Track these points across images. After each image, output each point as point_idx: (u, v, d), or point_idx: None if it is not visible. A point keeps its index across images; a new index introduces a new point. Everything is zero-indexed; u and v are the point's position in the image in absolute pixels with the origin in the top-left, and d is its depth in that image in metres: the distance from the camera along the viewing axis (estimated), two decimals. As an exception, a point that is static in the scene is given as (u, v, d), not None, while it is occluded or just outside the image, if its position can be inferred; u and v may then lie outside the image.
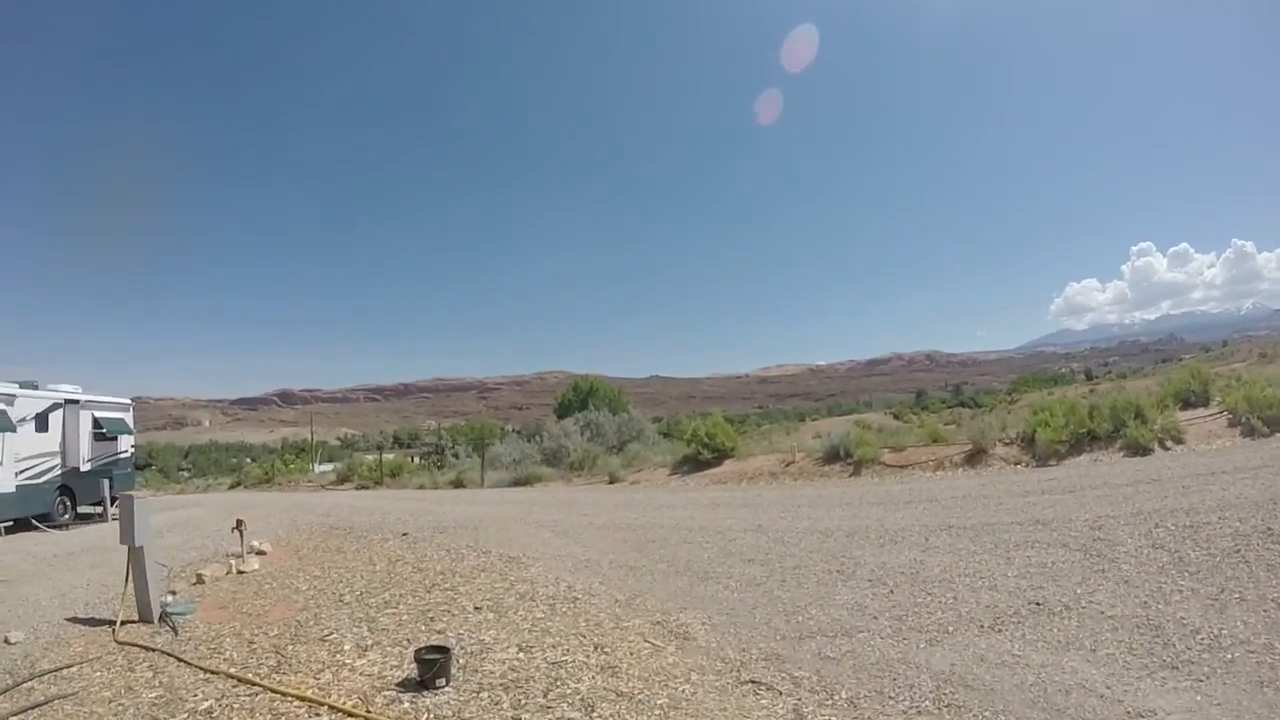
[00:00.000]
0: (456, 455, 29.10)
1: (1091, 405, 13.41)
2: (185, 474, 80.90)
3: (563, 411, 34.19)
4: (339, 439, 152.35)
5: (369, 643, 4.97)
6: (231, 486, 36.45)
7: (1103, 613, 4.68)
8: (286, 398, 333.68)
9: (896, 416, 74.32)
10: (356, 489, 26.56)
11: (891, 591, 5.64)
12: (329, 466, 40.70)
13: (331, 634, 5.24)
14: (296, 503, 18.88)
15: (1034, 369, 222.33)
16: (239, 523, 8.50)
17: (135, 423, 18.56)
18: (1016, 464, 12.60)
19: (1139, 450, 11.82)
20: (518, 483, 20.94)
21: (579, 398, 35.90)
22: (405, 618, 5.58)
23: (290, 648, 4.97)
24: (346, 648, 4.89)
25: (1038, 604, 4.95)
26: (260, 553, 8.93)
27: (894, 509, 9.55)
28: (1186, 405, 14.09)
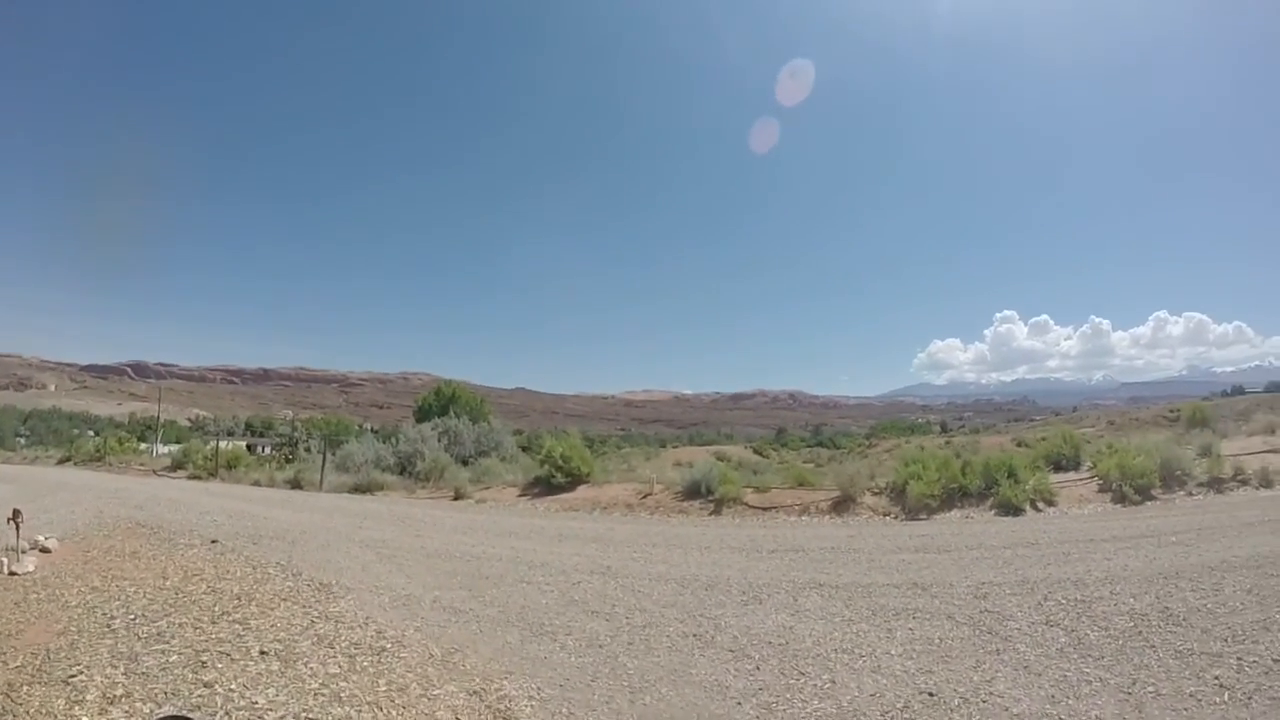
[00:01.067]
0: (309, 449, 30.11)
1: (964, 461, 14.09)
2: (21, 441, 78.05)
3: (422, 415, 35.29)
4: (190, 420, 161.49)
5: (119, 692, 4.29)
6: (60, 461, 38.36)
7: (1007, 709, 4.36)
8: (140, 370, 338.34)
9: (757, 451, 79.08)
10: (189, 478, 27.60)
11: (757, 668, 5.12)
12: (165, 449, 42.76)
13: (81, 673, 4.58)
14: (117, 489, 19.02)
15: (893, 417, 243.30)
16: (15, 514, 8.07)
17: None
18: (885, 515, 12.90)
19: (1011, 510, 12.46)
20: (358, 489, 21.22)
21: (440, 403, 36.73)
22: (175, 658, 4.90)
23: (25, 689, 4.31)
24: (90, 697, 4.23)
25: (931, 694, 4.58)
26: (44, 550, 8.61)
27: (758, 558, 9.28)
28: (1058, 468, 15.21)
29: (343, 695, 4.34)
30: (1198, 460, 14.15)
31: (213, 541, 9.91)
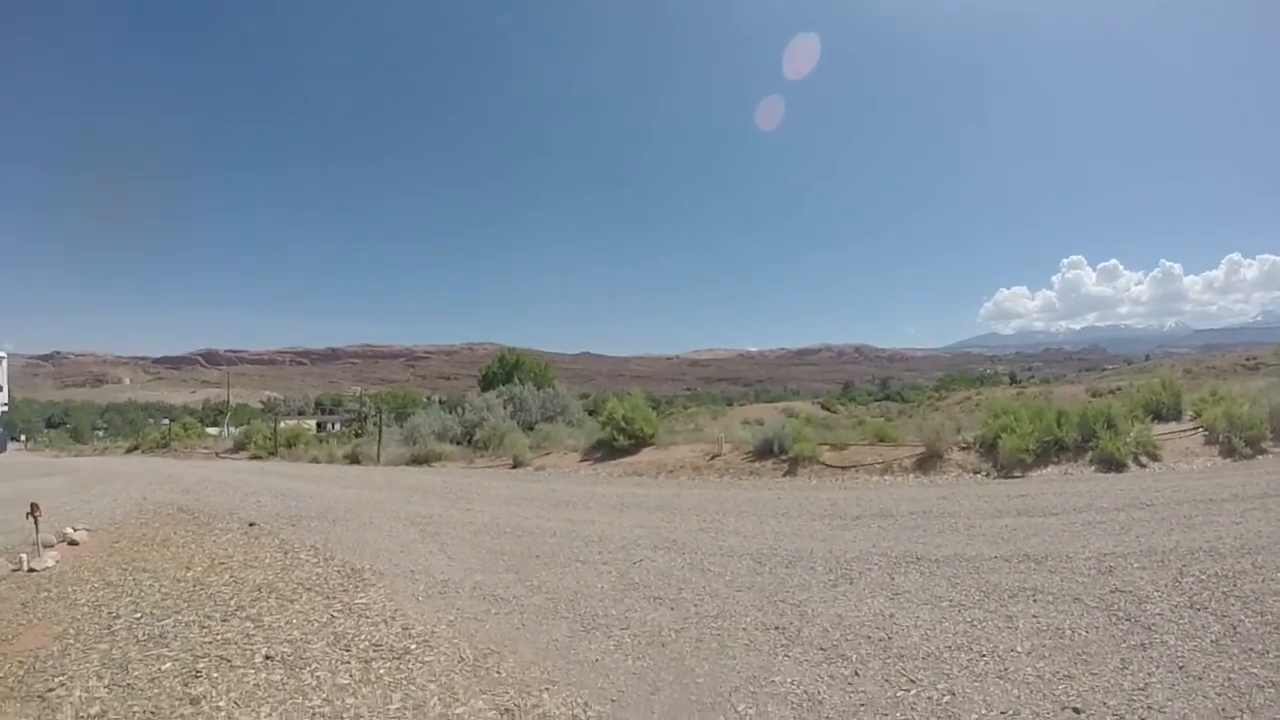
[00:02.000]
0: (376, 424, 30.26)
1: (1059, 411, 12.82)
2: (100, 435, 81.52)
3: (487, 384, 35.38)
4: (262, 402, 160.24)
5: (95, 710, 3.91)
6: (128, 451, 38.43)
7: (1177, 730, 3.46)
8: (211, 358, 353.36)
9: (825, 407, 78.30)
10: (249, 459, 27.55)
11: (855, 674, 4.21)
12: (222, 431, 42.82)
13: (61, 685, 4.22)
14: (171, 474, 18.63)
15: (960, 368, 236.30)
16: (33, 508, 7.69)
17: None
18: (976, 472, 11.86)
19: (1113, 465, 11.35)
20: (416, 460, 20.70)
21: (504, 370, 36.81)
22: (168, 666, 4.48)
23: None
24: (61, 717, 3.85)
25: (1077, 711, 3.65)
26: (72, 543, 8.45)
27: (842, 526, 8.32)
28: (1158, 418, 13.78)
29: (346, 716, 3.73)
30: (1313, 409, 12.57)
31: (250, 524, 9.63)
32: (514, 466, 17.78)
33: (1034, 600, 5.22)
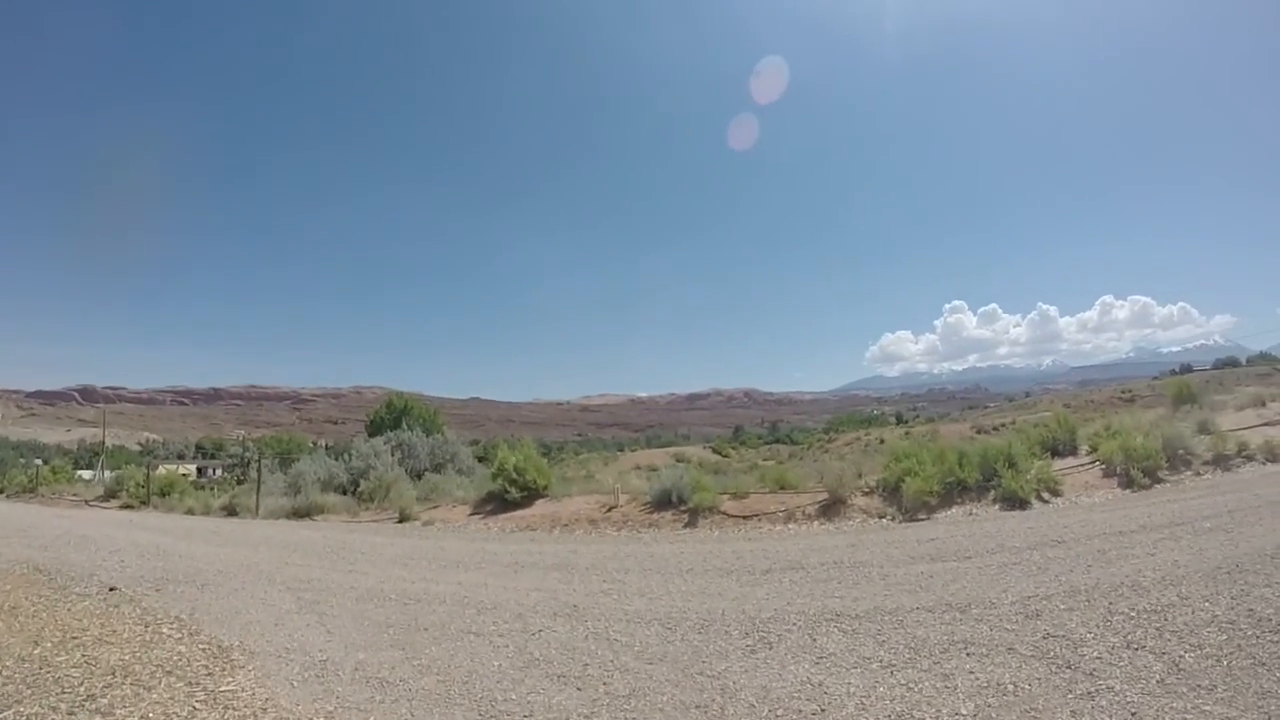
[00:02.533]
0: (260, 470, 29.18)
1: (961, 452, 13.12)
2: None
3: (375, 429, 35.48)
4: (140, 444, 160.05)
5: None
6: None
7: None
8: (88, 394, 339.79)
9: (717, 451, 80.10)
10: (121, 508, 26.09)
11: (793, 757, 3.81)
12: (96, 475, 40.49)
13: None
14: (29, 524, 17.62)
15: (848, 410, 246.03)
16: None
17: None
18: (881, 517, 11.86)
19: (1016, 502, 11.61)
20: (297, 513, 19.88)
21: (393, 416, 37.18)
22: None
23: None
24: None
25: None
26: None
27: (752, 581, 7.96)
28: (1055, 454, 14.35)
29: None
30: (1199, 438, 13.43)
31: (110, 589, 8.84)
32: (400, 520, 17.01)
33: (968, 654, 4.98)
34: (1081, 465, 13.26)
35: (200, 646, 6.29)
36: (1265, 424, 14.71)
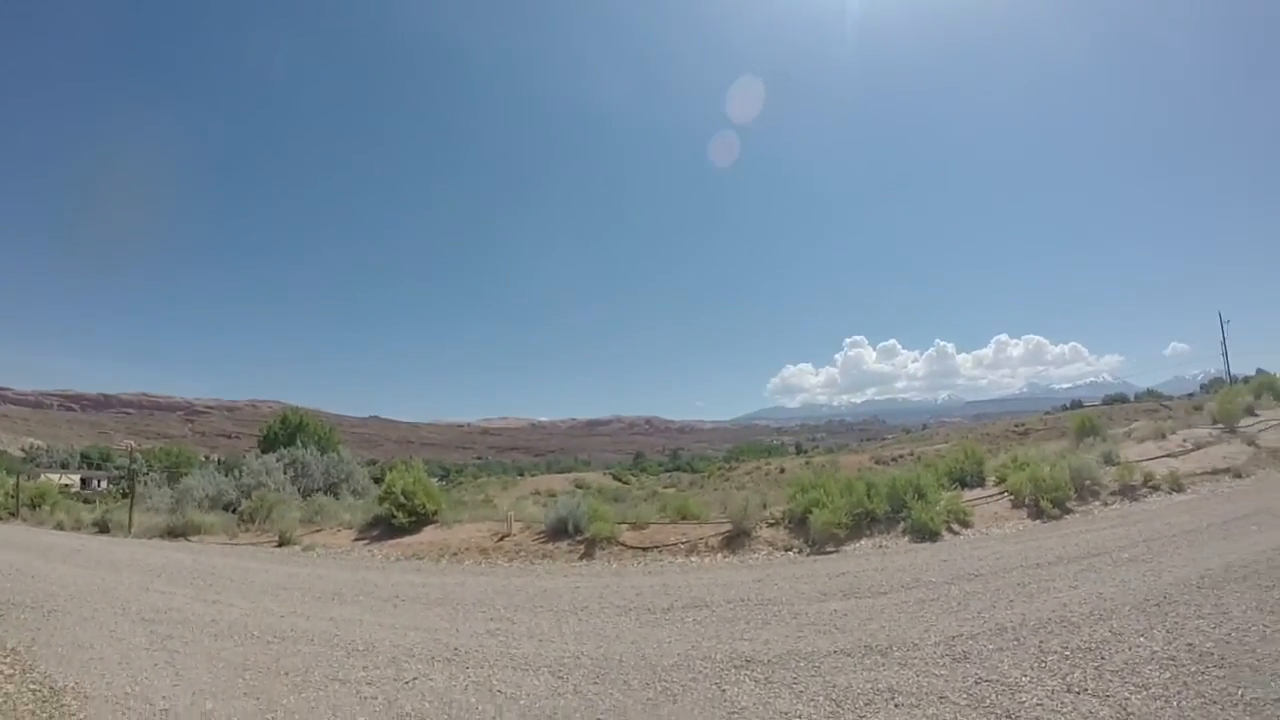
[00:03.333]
0: (148, 483, 29.36)
1: (869, 483, 13.12)
2: None
3: (268, 445, 35.66)
4: (24, 450, 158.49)
5: None
6: None
7: None
8: None
9: (617, 478, 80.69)
10: None
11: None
12: None
13: None
14: None
15: (748, 439, 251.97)
16: None
17: None
18: (788, 550, 11.64)
19: (926, 534, 11.60)
20: (172, 532, 19.36)
21: (287, 431, 37.27)
22: None
23: None
24: None
25: None
26: None
27: (652, 622, 7.48)
28: (963, 485, 14.55)
29: None
30: (1105, 469, 13.91)
31: None
32: (280, 544, 16.29)
33: (895, 705, 4.62)
34: (990, 496, 13.46)
35: (30, 687, 5.80)
36: (1167, 455, 15.44)
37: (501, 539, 13.81)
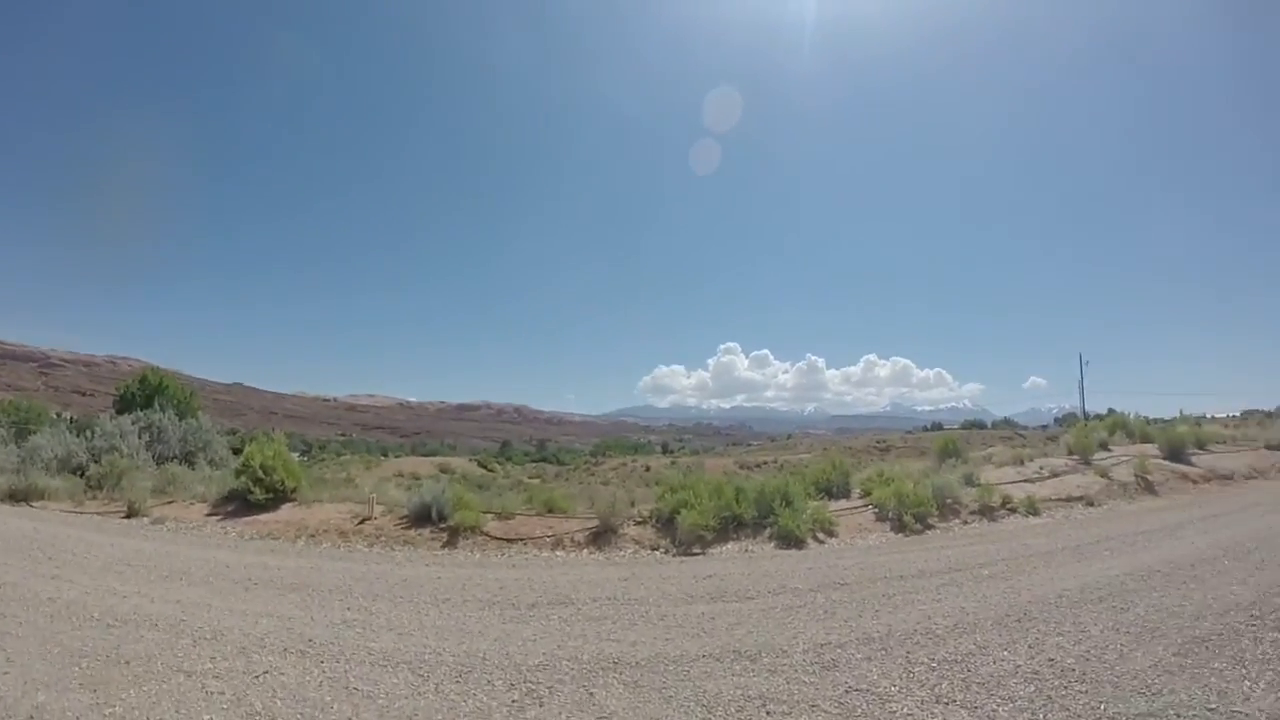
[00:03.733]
0: None
1: (738, 487, 13.30)
2: None
3: (124, 406, 33.24)
4: None
5: None
6: None
7: None
8: None
9: (482, 465, 79.61)
10: None
11: None
12: None
13: None
14: None
15: (617, 436, 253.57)
16: None
17: None
18: (654, 549, 11.65)
19: (792, 541, 11.84)
20: (14, 496, 17.79)
21: (145, 393, 34.87)
22: None
23: None
24: None
25: None
26: None
27: (517, 618, 7.27)
28: (829, 495, 14.95)
29: None
30: (966, 489, 14.62)
31: None
32: (128, 515, 15.25)
33: (768, 714, 4.60)
34: (855, 508, 13.87)
35: None
36: (1025, 481, 16.37)
37: (362, 522, 13.36)
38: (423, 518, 13.06)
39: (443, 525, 12.73)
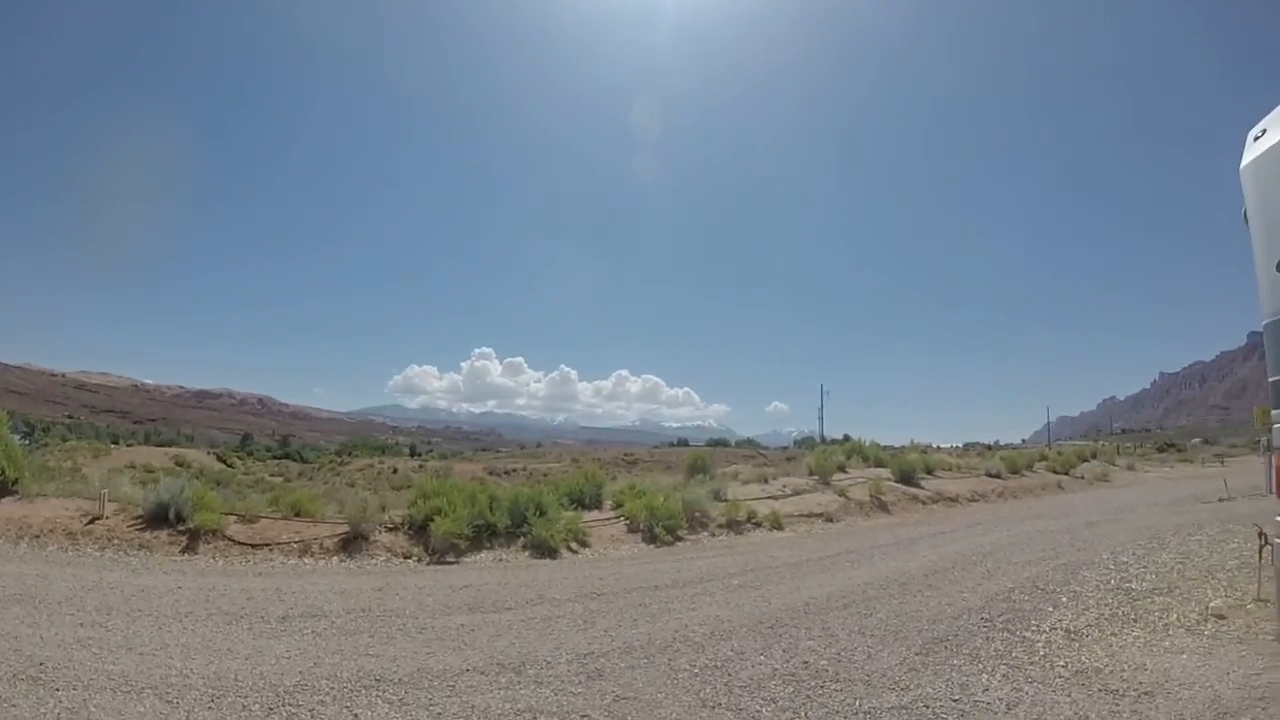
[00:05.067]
0: None
1: (492, 495, 13.22)
2: None
3: None
4: None
5: None
6: None
7: None
8: None
9: (221, 459, 72.87)
10: None
11: None
12: None
13: None
14: None
15: (364, 435, 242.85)
16: None
17: None
18: (407, 557, 11.30)
19: (546, 551, 11.97)
20: None
21: None
22: None
23: None
24: None
25: None
26: None
27: (268, 632, 6.69)
28: (582, 506, 15.14)
29: None
30: (714, 504, 15.35)
31: None
32: None
33: (536, 727, 4.48)
34: (607, 519, 14.17)
35: None
36: (769, 497, 17.50)
37: (92, 521, 11.91)
38: (160, 518, 11.88)
39: (182, 528, 11.67)
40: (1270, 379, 4.10)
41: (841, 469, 22.55)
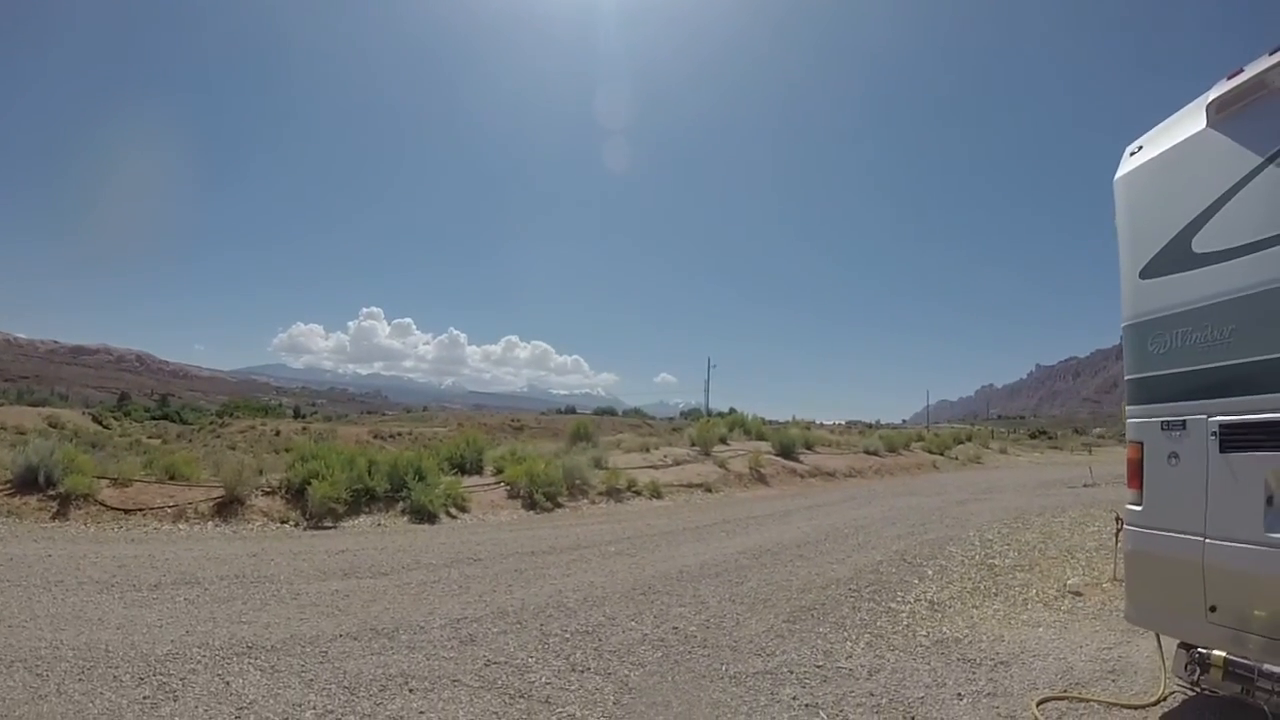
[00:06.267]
0: None
1: (370, 460, 13.13)
2: None
3: None
4: None
5: None
6: None
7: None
8: None
9: (97, 419, 68.55)
10: None
11: None
12: None
13: None
14: None
15: (246, 395, 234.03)
16: None
17: None
18: (284, 522, 11.15)
19: (425, 516, 12.04)
20: None
21: None
22: None
23: None
24: None
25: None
26: None
27: (140, 601, 6.46)
28: (462, 471, 15.17)
29: None
30: (595, 472, 15.59)
31: None
32: None
33: (410, 691, 4.54)
34: (487, 485, 14.29)
35: None
36: (650, 467, 17.91)
37: None
38: (29, 483, 11.29)
39: (52, 492, 11.13)
40: (1126, 377, 4.44)
41: (723, 441, 23.18)
